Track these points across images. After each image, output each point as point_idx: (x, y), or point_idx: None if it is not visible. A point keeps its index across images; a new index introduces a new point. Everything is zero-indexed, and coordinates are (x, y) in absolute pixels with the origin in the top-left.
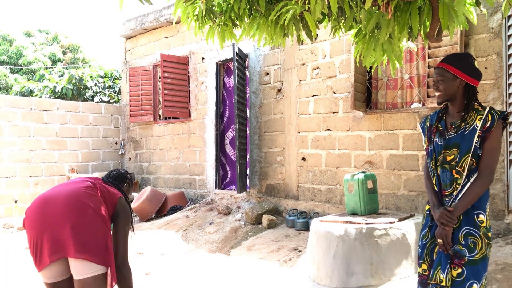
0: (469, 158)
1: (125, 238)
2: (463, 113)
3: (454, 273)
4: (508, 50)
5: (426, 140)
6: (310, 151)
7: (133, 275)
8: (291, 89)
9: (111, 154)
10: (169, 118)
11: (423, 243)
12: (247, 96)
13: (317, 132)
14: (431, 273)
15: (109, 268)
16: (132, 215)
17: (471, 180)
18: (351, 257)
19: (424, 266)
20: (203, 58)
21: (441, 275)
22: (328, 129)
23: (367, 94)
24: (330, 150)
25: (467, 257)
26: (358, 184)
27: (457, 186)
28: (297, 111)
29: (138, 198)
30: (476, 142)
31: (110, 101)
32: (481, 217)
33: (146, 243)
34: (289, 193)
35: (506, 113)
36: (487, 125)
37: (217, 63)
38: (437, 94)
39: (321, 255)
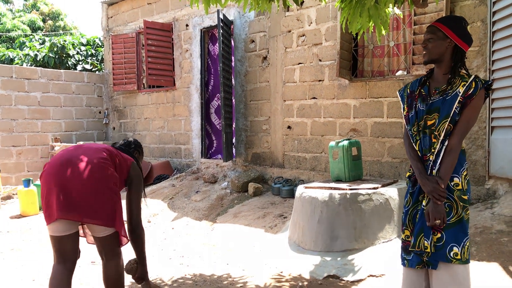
0: (447, 123)
1: (138, 203)
2: (449, 76)
3: (435, 238)
4: (492, 17)
5: (405, 107)
6: (295, 119)
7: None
8: (277, 56)
9: (95, 124)
10: (153, 86)
11: (406, 209)
12: (233, 64)
13: (303, 100)
14: (413, 240)
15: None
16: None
17: (445, 144)
18: (335, 222)
19: (407, 232)
20: (187, 25)
21: (425, 241)
22: (314, 97)
23: (353, 62)
24: (316, 118)
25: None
26: (343, 151)
27: (434, 150)
28: (283, 79)
29: None
30: (456, 108)
31: (93, 69)
32: (456, 180)
33: None
34: (274, 162)
35: (490, 82)
36: (470, 92)
37: (201, 30)
38: (424, 52)
39: (305, 220)
